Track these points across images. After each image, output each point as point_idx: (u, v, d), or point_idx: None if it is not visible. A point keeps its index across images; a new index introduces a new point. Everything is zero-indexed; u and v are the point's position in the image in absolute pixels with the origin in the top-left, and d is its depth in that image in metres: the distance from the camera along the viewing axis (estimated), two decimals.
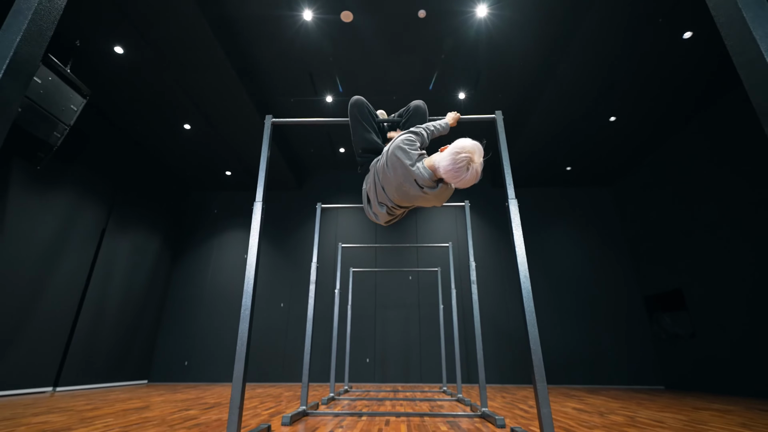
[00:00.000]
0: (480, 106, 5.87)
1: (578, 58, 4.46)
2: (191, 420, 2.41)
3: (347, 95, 5.75)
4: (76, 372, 4.95)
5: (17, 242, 4.22)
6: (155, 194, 6.66)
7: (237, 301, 6.87)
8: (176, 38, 4.20)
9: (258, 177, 1.84)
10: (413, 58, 5.01)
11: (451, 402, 3.53)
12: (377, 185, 1.60)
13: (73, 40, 4.26)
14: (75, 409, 2.93)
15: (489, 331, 6.39)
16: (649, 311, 6.59)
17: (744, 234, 4.75)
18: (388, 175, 1.52)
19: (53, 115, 3.93)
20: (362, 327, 6.51)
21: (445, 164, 1.40)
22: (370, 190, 1.65)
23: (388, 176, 1.52)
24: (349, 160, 7.42)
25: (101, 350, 5.36)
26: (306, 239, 7.23)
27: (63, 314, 4.79)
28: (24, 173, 4.35)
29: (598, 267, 6.91)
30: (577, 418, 2.58)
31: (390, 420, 2.43)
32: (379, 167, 1.59)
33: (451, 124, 1.88)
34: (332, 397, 3.56)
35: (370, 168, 1.72)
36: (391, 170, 1.50)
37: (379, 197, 1.61)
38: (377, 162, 1.64)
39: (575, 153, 6.44)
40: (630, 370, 6.21)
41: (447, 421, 2.41)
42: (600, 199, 7.43)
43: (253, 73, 5.20)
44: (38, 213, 4.50)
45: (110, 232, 5.61)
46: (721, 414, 2.87)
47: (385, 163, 1.53)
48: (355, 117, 1.83)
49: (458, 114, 1.96)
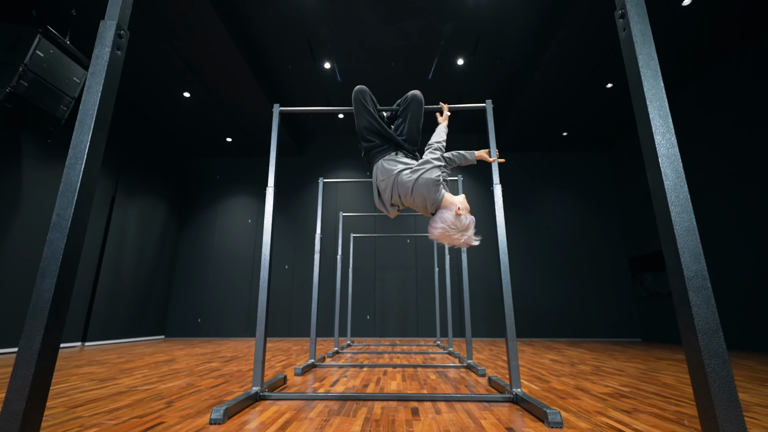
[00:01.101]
0: (479, 73, 5.88)
1: (576, 24, 4.44)
2: (215, 371, 2.79)
3: (344, 81, 5.75)
4: (100, 328, 5.40)
5: (35, 212, 4.47)
6: (159, 162, 6.82)
7: (243, 262, 7.25)
8: (172, 7, 4.18)
9: (270, 164, 2.03)
10: (411, 24, 4.97)
11: (442, 355, 3.95)
12: (393, 191, 1.81)
13: (68, 10, 4.24)
14: (110, 362, 3.32)
15: (481, 290, 6.82)
16: (633, 271, 6.99)
17: (723, 201, 5.00)
18: (408, 194, 1.75)
19: (58, 88, 4.02)
20: (363, 287, 6.94)
21: (456, 219, 1.67)
22: (385, 191, 1.86)
23: (407, 194, 1.76)
24: (348, 126, 7.48)
25: (121, 308, 5.79)
26: (307, 204, 7.48)
27: (84, 277, 5.15)
28: (35, 146, 4.51)
29: (590, 229, 7.22)
30: (550, 368, 2.97)
31: (387, 371, 2.81)
32: (401, 181, 1.78)
33: (441, 121, 2.09)
34: (336, 351, 3.99)
35: (377, 157, 1.92)
36: (414, 193, 1.74)
37: (393, 200, 1.85)
38: (399, 173, 1.80)
39: (572, 119, 6.52)
40: (612, 324, 6.72)
41: (437, 371, 2.80)
42: (596, 163, 7.59)
43: (251, 40, 5.17)
44: (52, 183, 4.71)
45: (119, 200, 5.84)
46: (677, 363, 3.28)
47: (411, 185, 1.74)
48: (359, 104, 1.99)
49: (447, 108, 2.15)
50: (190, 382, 2.33)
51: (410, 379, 2.46)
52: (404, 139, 2.03)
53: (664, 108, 0.77)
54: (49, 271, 0.77)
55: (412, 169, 1.78)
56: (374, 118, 1.98)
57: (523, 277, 7.01)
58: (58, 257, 0.78)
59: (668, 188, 0.74)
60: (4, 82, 3.60)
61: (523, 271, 7.05)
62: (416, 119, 2.10)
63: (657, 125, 0.76)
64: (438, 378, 2.50)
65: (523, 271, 7.05)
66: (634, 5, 0.86)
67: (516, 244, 7.19)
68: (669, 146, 0.77)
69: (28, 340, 0.72)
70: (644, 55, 0.81)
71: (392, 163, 1.85)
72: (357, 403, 1.76)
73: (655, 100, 0.78)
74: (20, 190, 4.35)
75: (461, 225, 1.65)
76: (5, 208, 4.17)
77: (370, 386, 2.19)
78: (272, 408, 1.67)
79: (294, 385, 2.25)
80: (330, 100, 6.55)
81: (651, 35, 0.83)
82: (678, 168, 0.76)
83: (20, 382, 0.70)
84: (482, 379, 2.46)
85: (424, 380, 2.41)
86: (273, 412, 1.60)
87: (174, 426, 1.39)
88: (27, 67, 3.68)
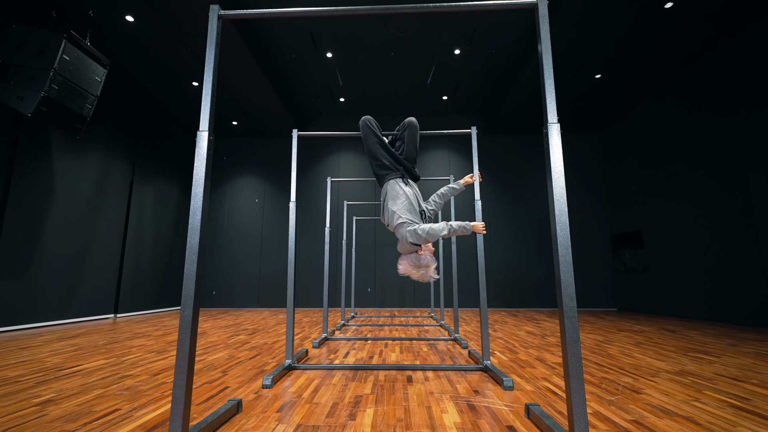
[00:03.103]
0: (475, 63, 6.14)
1: (568, 20, 4.69)
2: (246, 344, 3.38)
3: (345, 81, 5.98)
4: (129, 301, 6.01)
5: (67, 199, 4.93)
6: (170, 147, 7.18)
7: (251, 239, 7.80)
8: (183, 7, 4.41)
9: (291, 181, 2.46)
10: (410, 16, 5.19)
11: (435, 327, 4.57)
12: (383, 215, 2.32)
13: (85, 9, 4.46)
14: (151, 334, 3.91)
15: (472, 265, 7.43)
16: (613, 248, 7.58)
17: (697, 191, 5.48)
18: (390, 227, 2.28)
19: (83, 88, 4.35)
20: (364, 262, 7.53)
21: (416, 258, 2.18)
22: (381, 209, 2.35)
23: (389, 225, 2.29)
24: (348, 109, 7.77)
25: (144, 283, 6.38)
26: (310, 183, 7.92)
27: (111, 255, 5.69)
28: (62, 140, 4.88)
29: (578, 209, 7.73)
30: (523, 341, 3.57)
31: (388, 343, 3.40)
32: (388, 214, 2.26)
33: (461, 187, 2.55)
34: (343, 323, 4.60)
35: (382, 180, 2.37)
36: (393, 229, 2.26)
37: (382, 219, 2.35)
38: (387, 209, 2.26)
39: (563, 105, 6.84)
40: (592, 295, 7.40)
41: (428, 344, 3.39)
42: (584, 145, 7.97)
43: (256, 35, 5.39)
44: (78, 172, 5.13)
45: (137, 184, 6.27)
46: (632, 335, 3.89)
47: (392, 225, 2.25)
48: (367, 130, 2.41)
49: (471, 178, 2.58)
50: (230, 354, 2.91)
51: (407, 351, 3.04)
52: (404, 156, 2.47)
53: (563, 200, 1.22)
54: (190, 259, 1.25)
55: (396, 215, 2.21)
56: (379, 142, 2.41)
57: (512, 251, 7.60)
58: (194, 250, 1.25)
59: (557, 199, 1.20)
60: (38, 87, 3.94)
61: (513, 246, 7.63)
62: (413, 140, 2.53)
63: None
64: (429, 350, 3.08)
65: (513, 246, 7.63)
66: (554, 127, 1.28)
67: (507, 221, 7.72)
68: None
69: (187, 299, 1.23)
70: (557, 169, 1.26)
71: (391, 193, 2.29)
72: (366, 372, 2.33)
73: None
74: (52, 179, 4.77)
75: (420, 263, 2.15)
76: (42, 196, 4.62)
77: (374, 358, 2.77)
78: (303, 376, 2.23)
79: (314, 357, 2.83)
80: (331, 85, 6.81)
81: (561, 149, 1.26)
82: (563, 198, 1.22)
83: (185, 323, 1.20)
84: (464, 351, 3.04)
85: (418, 352, 2.99)
86: (304, 379, 2.16)
87: (237, 389, 1.95)
88: (56, 71, 4.01)
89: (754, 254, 4.60)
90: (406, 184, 2.33)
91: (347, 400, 1.76)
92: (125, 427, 1.42)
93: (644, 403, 1.72)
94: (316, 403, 1.73)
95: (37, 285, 4.53)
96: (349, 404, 1.71)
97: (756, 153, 4.61)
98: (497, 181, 7.90)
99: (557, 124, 1.30)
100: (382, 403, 1.72)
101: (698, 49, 5.23)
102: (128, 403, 1.71)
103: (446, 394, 1.87)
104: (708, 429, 1.43)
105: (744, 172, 4.77)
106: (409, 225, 2.17)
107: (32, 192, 4.50)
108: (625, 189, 7.12)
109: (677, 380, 2.13)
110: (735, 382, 2.09)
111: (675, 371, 2.36)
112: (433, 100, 7.50)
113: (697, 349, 3.13)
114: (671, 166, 5.95)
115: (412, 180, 2.43)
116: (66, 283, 4.93)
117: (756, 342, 3.47)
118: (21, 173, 4.37)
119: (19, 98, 3.94)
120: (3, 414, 1.57)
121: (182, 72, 5.73)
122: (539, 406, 1.56)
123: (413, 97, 7.34)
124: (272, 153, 8.22)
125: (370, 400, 1.77)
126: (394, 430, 1.40)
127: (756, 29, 4.65)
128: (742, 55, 4.81)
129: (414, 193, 2.32)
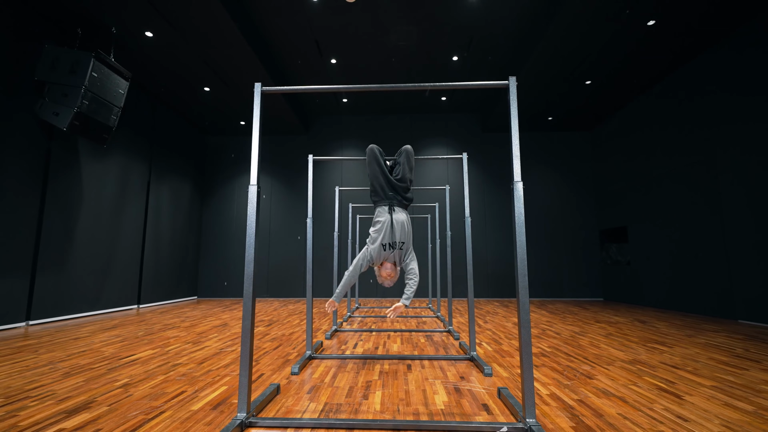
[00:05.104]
0: (473, 68, 6.48)
1: (559, 30, 5.00)
2: (267, 335, 3.87)
3: (345, 77, 6.30)
4: (150, 292, 6.52)
5: (94, 201, 5.37)
6: (182, 147, 7.58)
7: (260, 232, 8.26)
8: (196, 21, 4.74)
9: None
10: (411, 29, 5.52)
11: (432, 318, 5.07)
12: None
13: (109, 28, 4.80)
14: (178, 325, 4.41)
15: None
16: (601, 242, 8.06)
17: (680, 189, 5.91)
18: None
19: (109, 101, 4.74)
20: None
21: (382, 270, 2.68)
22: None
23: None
24: (352, 108, 8.12)
25: (163, 275, 6.88)
26: (315, 180, 8.33)
27: (134, 250, 6.16)
28: (88, 147, 5.28)
29: (570, 204, 8.17)
30: (509, 332, 4.07)
31: (390, 335, 3.90)
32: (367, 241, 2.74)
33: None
34: (349, 315, 5.10)
35: (376, 208, 2.79)
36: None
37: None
38: (368, 238, 2.73)
39: (556, 107, 7.20)
40: (580, 286, 7.91)
41: (426, 335, 3.89)
42: (576, 144, 8.35)
43: (265, 46, 5.73)
44: (102, 175, 5.55)
45: (153, 183, 6.69)
46: (606, 326, 4.39)
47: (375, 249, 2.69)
48: (371, 158, 2.83)
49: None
50: (256, 345, 3.40)
51: (406, 342, 3.54)
52: (399, 178, 2.89)
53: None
54: (249, 259, 1.71)
55: (371, 236, 2.69)
56: (382, 171, 2.84)
57: (507, 244, 8.08)
58: (252, 252, 1.72)
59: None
60: (71, 103, 4.33)
61: (507, 238, 8.10)
62: (408, 163, 2.94)
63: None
64: (426, 341, 3.58)
65: (507, 238, 8.10)
66: (518, 185, 1.72)
67: (501, 216, 8.17)
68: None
69: (248, 289, 1.70)
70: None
71: (375, 218, 2.73)
72: (373, 361, 2.82)
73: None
74: (81, 183, 5.20)
75: (380, 279, 2.77)
76: (74, 199, 5.05)
77: (379, 348, 3.26)
78: (322, 365, 2.72)
79: (328, 348, 3.32)
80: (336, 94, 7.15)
81: (523, 204, 1.69)
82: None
83: (247, 310, 1.68)
84: (456, 342, 3.53)
85: (416, 343, 3.49)
86: (323, 367, 2.65)
87: (271, 376, 2.43)
88: (87, 88, 4.38)
89: (721, 250, 5.08)
90: (392, 212, 2.70)
91: (360, 384, 2.25)
92: (198, 404, 1.91)
93: (592, 387, 2.21)
94: (336, 386, 2.21)
95: (74, 280, 5.01)
96: (362, 387, 2.19)
97: (726, 158, 5.03)
98: (493, 177, 8.32)
99: (521, 183, 1.73)
100: (387, 387, 2.20)
101: (679, 60, 5.59)
102: (190, 386, 2.19)
103: (438, 379, 2.36)
104: (632, 405, 1.91)
105: (715, 175, 5.20)
106: (366, 247, 2.70)
107: (66, 196, 4.94)
108: (613, 187, 7.55)
109: (627, 368, 2.62)
110: (672, 369, 2.58)
111: (628, 360, 2.85)
112: (433, 100, 7.85)
113: (657, 339, 3.63)
114: (652, 167, 6.37)
115: (401, 206, 2.79)
116: (97, 278, 5.42)
117: (711, 333, 3.97)
118: (55, 180, 4.79)
119: (54, 114, 4.34)
120: (100, 393, 2.05)
121: (194, 78, 6.08)
122: (508, 389, 2.04)
123: (414, 97, 7.69)
124: (278, 150, 8.60)
125: (378, 384, 2.26)
126: (397, 408, 1.88)
127: (726, 45, 5.00)
128: (714, 72, 5.17)
129: (399, 220, 2.67)
